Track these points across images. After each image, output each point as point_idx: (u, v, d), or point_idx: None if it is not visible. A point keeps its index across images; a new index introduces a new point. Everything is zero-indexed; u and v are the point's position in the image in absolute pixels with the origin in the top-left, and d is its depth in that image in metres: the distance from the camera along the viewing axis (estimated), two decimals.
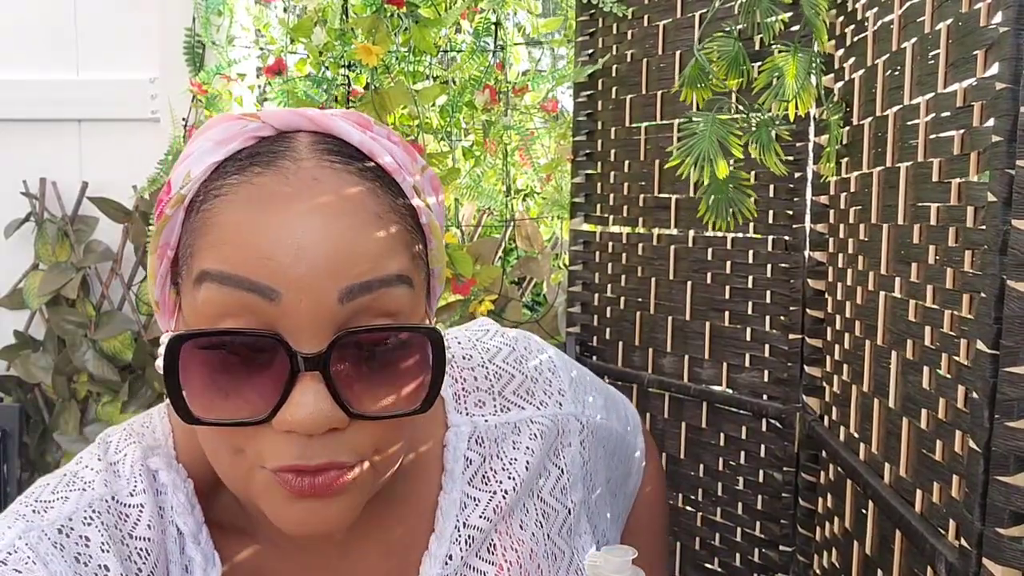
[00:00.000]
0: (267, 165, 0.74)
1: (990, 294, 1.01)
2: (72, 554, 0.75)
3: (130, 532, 0.79)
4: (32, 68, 3.01)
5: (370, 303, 0.72)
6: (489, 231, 3.02)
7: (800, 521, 1.97)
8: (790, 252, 2.00)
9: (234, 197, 0.73)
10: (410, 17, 2.51)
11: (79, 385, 2.95)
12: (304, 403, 0.69)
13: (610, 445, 1.16)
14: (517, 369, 1.04)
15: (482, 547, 0.93)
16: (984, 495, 1.03)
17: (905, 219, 1.39)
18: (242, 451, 0.74)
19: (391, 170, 0.78)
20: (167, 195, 0.78)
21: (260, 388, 0.71)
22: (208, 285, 0.71)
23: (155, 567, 0.79)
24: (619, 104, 2.43)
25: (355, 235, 0.72)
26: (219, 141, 0.76)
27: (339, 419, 0.71)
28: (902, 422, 1.37)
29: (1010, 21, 0.99)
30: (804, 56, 1.56)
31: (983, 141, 1.10)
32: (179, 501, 0.83)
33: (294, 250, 0.70)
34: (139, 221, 2.91)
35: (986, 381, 1.01)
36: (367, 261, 0.72)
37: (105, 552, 0.76)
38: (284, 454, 0.71)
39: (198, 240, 0.74)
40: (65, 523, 0.77)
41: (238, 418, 0.72)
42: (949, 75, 1.24)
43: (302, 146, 0.76)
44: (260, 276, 0.69)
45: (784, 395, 2.02)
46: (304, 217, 0.71)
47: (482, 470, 0.96)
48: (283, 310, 0.69)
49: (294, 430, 0.70)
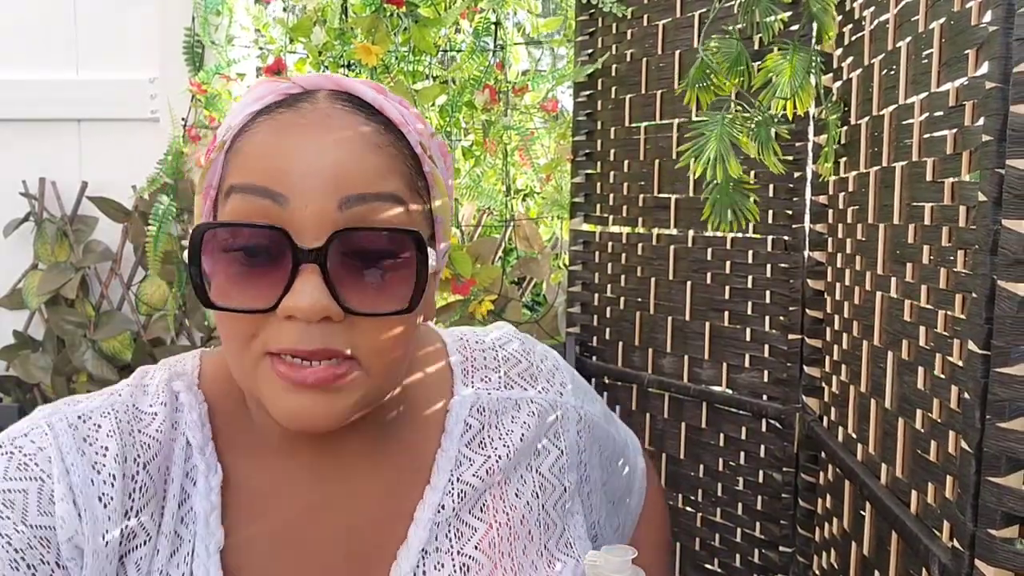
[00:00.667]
0: (289, 107, 0.87)
1: (981, 294, 1.01)
2: (81, 435, 0.88)
3: (140, 430, 0.91)
4: (32, 68, 3.02)
5: (365, 213, 0.83)
6: (489, 231, 3.01)
7: (800, 522, 1.96)
8: (790, 252, 1.99)
9: (259, 129, 0.86)
10: (410, 17, 2.51)
11: (78, 385, 2.95)
12: (304, 291, 0.80)
13: (607, 450, 1.22)
14: (525, 357, 1.14)
15: (475, 505, 1.01)
16: (976, 496, 1.02)
17: (901, 219, 1.38)
18: (251, 340, 0.84)
19: (397, 122, 0.90)
20: (213, 144, 0.91)
21: (268, 281, 0.82)
22: (234, 196, 0.84)
23: (154, 460, 0.90)
24: (619, 104, 2.42)
25: (356, 157, 0.84)
26: (257, 98, 0.90)
27: (333, 310, 0.81)
28: (898, 423, 1.36)
29: (999, 20, 0.99)
30: (803, 55, 1.56)
31: (974, 140, 1.09)
32: (192, 418, 0.95)
33: (303, 165, 0.82)
34: (138, 221, 2.91)
35: (977, 382, 1.01)
36: (364, 178, 0.84)
37: (110, 437, 0.89)
38: (285, 338, 0.82)
39: (230, 168, 0.87)
40: (85, 413, 0.91)
41: (249, 306, 0.83)
42: (942, 74, 1.23)
43: (321, 95, 0.89)
44: (273, 185, 0.82)
45: (784, 395, 2.02)
46: (314, 141, 0.84)
47: (480, 436, 1.04)
48: (291, 214, 0.81)
49: (294, 315, 0.81)
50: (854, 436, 1.58)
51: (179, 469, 0.92)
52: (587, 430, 1.15)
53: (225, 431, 0.97)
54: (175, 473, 0.92)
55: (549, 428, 1.10)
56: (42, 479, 0.85)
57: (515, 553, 1.01)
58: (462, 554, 0.98)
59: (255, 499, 0.95)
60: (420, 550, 0.97)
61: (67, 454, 0.86)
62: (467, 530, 0.99)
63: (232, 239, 0.84)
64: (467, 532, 0.99)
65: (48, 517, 0.84)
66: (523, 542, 1.02)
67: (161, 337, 2.97)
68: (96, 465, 0.87)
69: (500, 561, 0.99)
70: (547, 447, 1.09)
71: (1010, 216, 0.95)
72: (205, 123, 2.87)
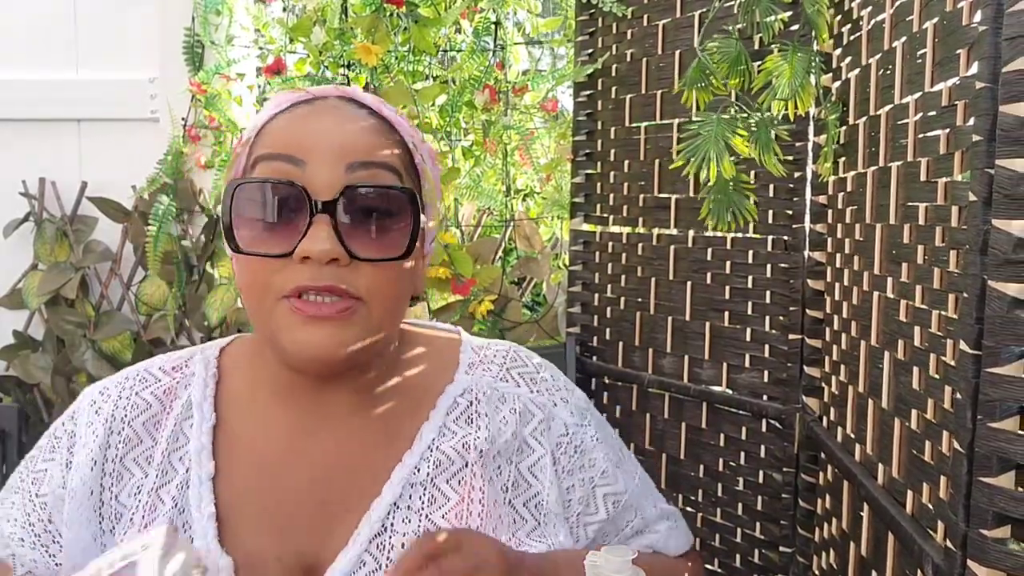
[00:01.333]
0: (304, 103, 1.08)
1: (972, 294, 1.00)
2: (96, 407, 1.15)
3: (137, 392, 1.14)
4: (32, 68, 3.02)
5: (368, 177, 1.02)
6: (489, 231, 3.01)
7: (800, 522, 1.96)
8: (789, 252, 1.99)
9: (279, 119, 1.07)
10: (410, 17, 2.51)
11: (78, 385, 2.95)
12: (317, 237, 0.98)
13: (597, 475, 1.24)
14: (528, 362, 1.25)
15: (452, 477, 1.11)
16: (968, 496, 1.02)
17: (897, 219, 1.38)
18: (270, 284, 1.01)
19: (393, 121, 1.10)
20: (239, 143, 1.11)
21: (287, 231, 1.00)
22: (260, 164, 1.03)
23: (140, 416, 1.13)
24: (619, 104, 2.42)
25: (360, 134, 1.05)
26: (276, 104, 1.09)
27: (340, 253, 0.98)
28: (894, 423, 1.36)
29: (989, 20, 0.98)
30: (803, 55, 1.56)
31: (966, 140, 1.09)
32: (197, 381, 1.15)
33: (317, 138, 1.02)
34: (138, 221, 2.91)
35: (968, 381, 1.01)
36: (367, 149, 1.03)
37: (106, 402, 1.14)
38: (300, 277, 0.99)
39: (254, 149, 1.06)
40: (108, 385, 1.17)
41: (271, 251, 1.00)
42: (935, 74, 1.23)
43: (331, 98, 1.10)
44: (293, 152, 1.01)
45: (784, 395, 2.01)
46: (326, 122, 1.05)
47: (466, 414, 1.15)
48: (308, 175, 1.00)
49: (308, 256, 0.98)
50: (852, 436, 1.58)
51: (173, 419, 1.12)
52: (572, 448, 1.21)
53: (228, 391, 1.15)
54: (170, 422, 1.12)
55: (534, 428, 1.18)
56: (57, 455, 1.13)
57: (483, 530, 1.09)
58: (430, 519, 1.08)
59: (243, 441, 1.11)
60: (391, 503, 1.08)
61: (79, 425, 1.14)
62: (440, 497, 1.10)
63: (260, 193, 1.02)
64: (440, 499, 1.10)
65: (48, 484, 1.11)
66: (493, 523, 1.11)
67: (161, 337, 2.97)
68: (91, 426, 1.12)
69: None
70: (531, 446, 1.17)
71: (1000, 216, 0.94)
72: (205, 123, 2.88)
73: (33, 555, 1.10)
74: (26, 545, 1.10)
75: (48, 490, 1.11)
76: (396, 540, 1.06)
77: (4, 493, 1.15)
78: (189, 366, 1.18)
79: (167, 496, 1.07)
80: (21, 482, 1.14)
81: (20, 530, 1.10)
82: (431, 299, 3.00)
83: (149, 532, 0.92)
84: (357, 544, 1.06)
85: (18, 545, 1.10)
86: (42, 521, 1.10)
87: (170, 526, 0.91)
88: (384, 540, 1.06)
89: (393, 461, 1.11)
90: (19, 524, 1.11)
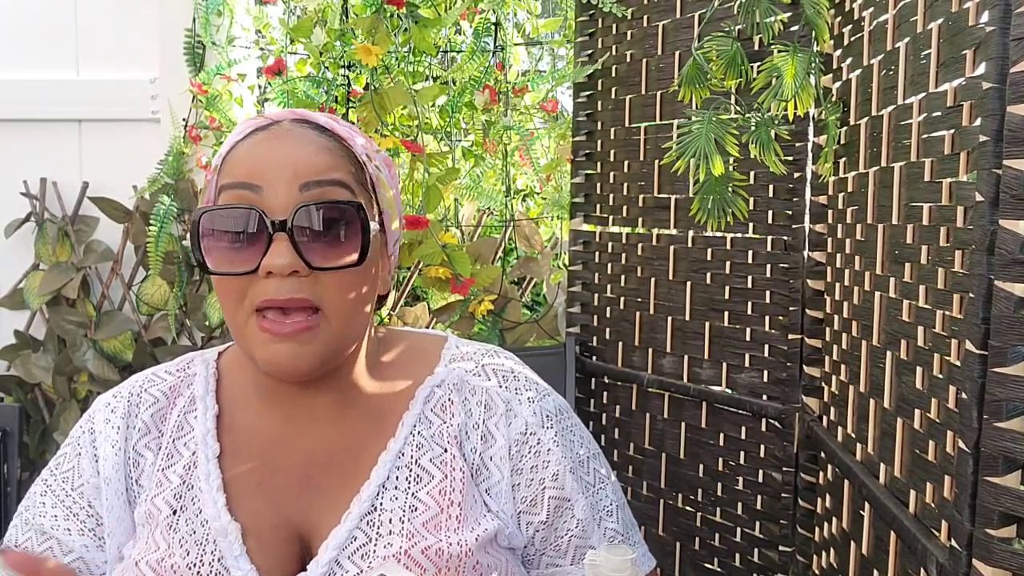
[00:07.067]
0: (261, 129, 1.15)
1: (978, 294, 1.01)
2: (111, 408, 1.25)
3: (147, 389, 1.26)
4: (32, 68, 3.01)
5: (320, 194, 1.09)
6: (489, 231, 3.01)
7: (799, 521, 1.96)
8: (789, 252, 1.99)
9: (239, 147, 1.14)
10: (410, 17, 2.51)
11: (79, 385, 2.95)
12: (277, 252, 1.05)
13: (548, 477, 1.23)
14: (511, 363, 1.31)
15: (435, 457, 1.19)
16: (974, 496, 1.02)
17: (899, 219, 1.38)
18: (242, 298, 1.09)
19: (344, 137, 1.17)
20: (209, 170, 1.21)
21: (251, 250, 1.07)
22: (223, 193, 1.11)
23: (150, 408, 1.24)
24: (619, 104, 2.43)
25: (311, 155, 1.11)
26: (239, 131, 1.17)
27: (301, 265, 1.06)
28: (897, 423, 1.36)
29: (996, 20, 0.99)
30: (803, 56, 1.56)
31: (972, 141, 1.09)
32: (200, 380, 1.26)
33: (271, 163, 1.10)
34: (139, 221, 2.91)
35: (974, 381, 1.01)
36: (317, 169, 1.10)
37: (119, 401, 1.25)
38: (264, 292, 1.07)
39: (220, 178, 1.14)
40: (122, 388, 1.28)
41: (238, 270, 1.08)
42: (940, 75, 1.23)
43: (286, 122, 1.17)
44: (250, 179, 1.09)
45: (783, 395, 2.02)
46: (279, 146, 1.12)
47: (441, 402, 1.23)
48: (264, 198, 1.08)
49: (271, 271, 1.06)
50: (853, 436, 1.59)
51: (178, 412, 1.24)
52: (528, 448, 1.24)
53: (226, 389, 1.26)
54: (174, 414, 1.24)
55: (498, 419, 1.24)
56: (81, 451, 1.24)
57: (464, 503, 1.17)
58: (416, 496, 1.16)
59: (241, 430, 1.22)
60: (380, 484, 1.16)
61: (96, 423, 1.24)
62: (425, 475, 1.18)
63: (223, 219, 1.10)
64: (425, 477, 1.18)
65: (81, 477, 1.22)
66: (470, 501, 1.18)
67: (162, 337, 2.97)
68: (109, 422, 1.23)
69: (448, 508, 1.15)
70: (493, 436, 1.24)
71: (1007, 216, 0.95)
72: (206, 123, 2.88)
73: (83, 541, 1.19)
74: (73, 532, 1.19)
75: (82, 482, 1.21)
76: (385, 517, 1.14)
77: (28, 501, 1.24)
78: (191, 367, 1.29)
79: (174, 475, 1.19)
80: (49, 487, 1.23)
81: (64, 521, 1.20)
82: (431, 299, 3.01)
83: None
84: (348, 522, 1.14)
85: (64, 534, 1.19)
86: (84, 509, 1.20)
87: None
88: (374, 518, 1.15)
89: (379, 447, 1.19)
90: (61, 517, 1.20)
